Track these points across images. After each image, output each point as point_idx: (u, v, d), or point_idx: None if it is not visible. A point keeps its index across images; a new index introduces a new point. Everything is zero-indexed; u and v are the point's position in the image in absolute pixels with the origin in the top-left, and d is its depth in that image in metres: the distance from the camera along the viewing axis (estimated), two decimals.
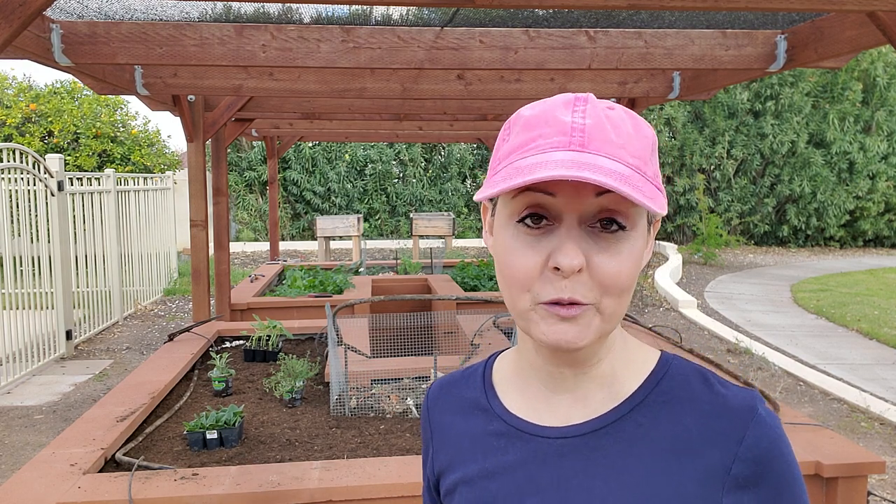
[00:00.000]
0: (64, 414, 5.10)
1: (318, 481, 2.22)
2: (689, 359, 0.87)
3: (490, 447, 0.80)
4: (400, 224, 16.92)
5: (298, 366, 3.24)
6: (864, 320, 8.19)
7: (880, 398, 5.45)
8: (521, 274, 0.70)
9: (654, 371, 0.77)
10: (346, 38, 3.47)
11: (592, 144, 0.67)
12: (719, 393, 0.74)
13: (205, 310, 5.14)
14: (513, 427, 0.79)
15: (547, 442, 0.76)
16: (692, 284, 10.95)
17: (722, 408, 0.72)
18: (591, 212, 0.68)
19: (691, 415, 0.73)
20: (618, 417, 0.75)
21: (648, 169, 0.69)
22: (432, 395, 0.91)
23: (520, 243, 0.70)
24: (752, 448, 0.70)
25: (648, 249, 0.76)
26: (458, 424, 0.85)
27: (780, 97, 15.55)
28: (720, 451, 0.70)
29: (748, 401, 0.72)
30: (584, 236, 0.69)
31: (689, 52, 3.59)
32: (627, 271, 0.69)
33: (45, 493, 2.14)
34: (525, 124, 0.71)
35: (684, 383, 0.76)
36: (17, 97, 11.81)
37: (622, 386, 0.77)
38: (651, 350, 0.80)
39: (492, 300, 3.47)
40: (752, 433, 0.70)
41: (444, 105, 5.90)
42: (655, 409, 0.74)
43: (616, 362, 0.78)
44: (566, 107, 0.69)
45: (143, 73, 4.34)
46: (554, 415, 0.78)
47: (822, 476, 2.36)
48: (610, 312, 0.70)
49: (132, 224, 8.87)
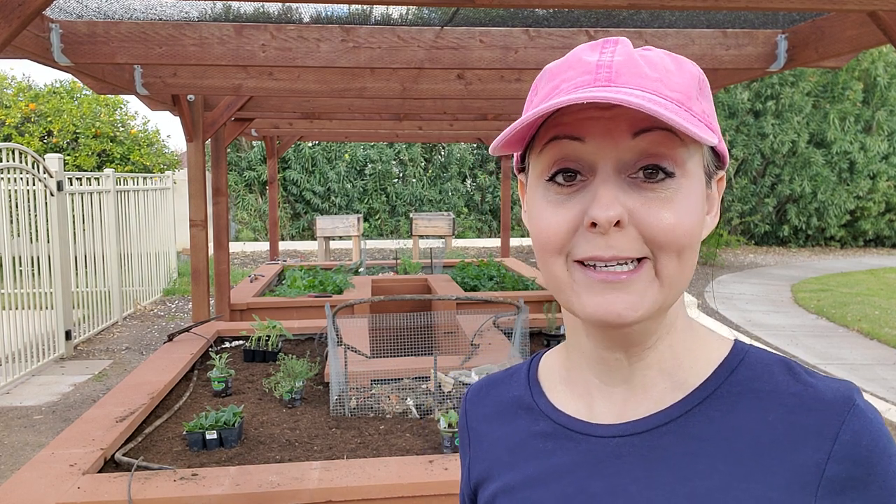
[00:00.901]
0: (63, 414, 5.10)
1: (318, 482, 2.21)
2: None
3: (535, 451, 0.69)
4: (400, 224, 16.91)
5: (298, 366, 3.24)
6: (865, 320, 8.19)
7: (881, 398, 5.44)
8: (550, 234, 0.60)
9: (727, 359, 0.66)
10: (346, 38, 3.46)
11: (621, 79, 0.58)
12: (808, 383, 0.62)
13: (204, 310, 5.14)
14: (560, 426, 0.69)
15: (600, 442, 0.66)
16: (692, 284, 10.95)
17: (812, 400, 0.61)
18: (630, 159, 0.59)
19: (774, 409, 0.61)
20: (684, 411, 0.63)
21: (695, 105, 0.60)
22: (471, 398, 0.80)
23: (549, 202, 0.61)
24: (851, 445, 0.58)
25: (714, 214, 0.65)
26: (498, 428, 0.75)
27: (781, 97, 15.55)
28: (812, 451, 0.59)
29: (844, 391, 0.61)
30: (625, 188, 0.59)
31: (689, 52, 3.59)
32: (686, 222, 0.58)
33: (44, 493, 2.14)
34: (550, 75, 0.63)
35: (765, 373, 0.64)
36: (17, 97, 11.80)
37: (689, 375, 0.65)
38: (723, 337, 0.69)
39: (492, 300, 3.46)
40: (850, 428, 0.59)
41: (444, 105, 5.90)
42: (730, 403, 0.63)
43: (678, 346, 0.66)
44: (593, 48, 0.61)
45: (143, 72, 4.33)
46: (609, 411, 0.67)
47: None
48: (669, 275, 0.59)
49: (132, 224, 8.86)
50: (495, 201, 17.31)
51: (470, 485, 0.77)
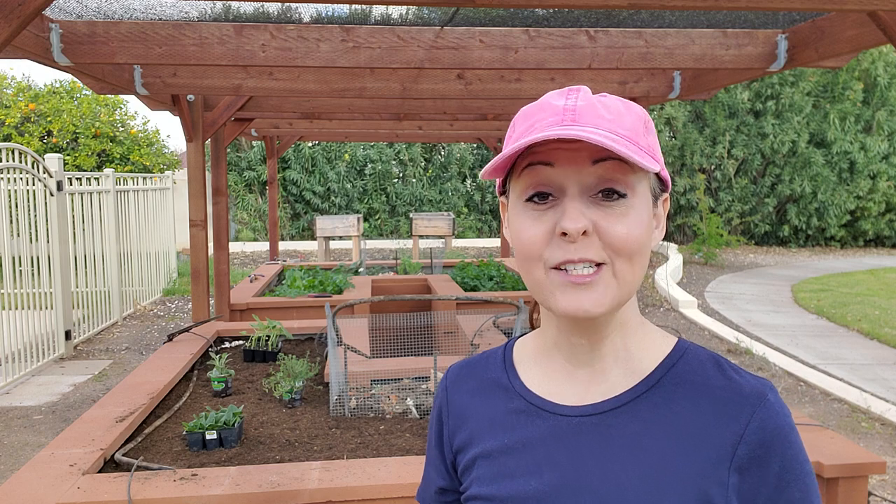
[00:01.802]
0: (63, 414, 5.10)
1: (318, 482, 2.21)
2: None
3: (510, 424, 0.83)
4: (400, 224, 16.91)
5: (298, 366, 3.23)
6: (865, 320, 8.19)
7: (881, 398, 5.44)
8: (530, 242, 0.74)
9: (670, 354, 0.80)
10: (346, 38, 3.46)
11: (583, 120, 0.72)
12: (733, 378, 0.77)
13: (204, 310, 5.13)
14: (532, 405, 0.82)
15: (565, 420, 0.79)
16: (692, 284, 10.94)
17: (734, 393, 0.75)
18: (591, 182, 0.73)
19: (706, 398, 0.76)
20: (634, 397, 0.78)
21: (641, 140, 0.74)
22: (451, 376, 0.94)
23: (527, 218, 0.75)
24: (758, 431, 0.73)
25: (660, 229, 0.80)
26: (478, 403, 0.88)
27: (781, 97, 15.54)
28: (729, 434, 0.73)
29: (759, 387, 0.75)
30: (588, 205, 0.73)
31: (689, 52, 3.58)
32: (636, 233, 0.73)
33: (44, 493, 2.13)
34: (524, 116, 0.77)
35: (699, 368, 0.78)
36: (17, 97, 11.80)
37: (638, 365, 0.80)
38: (668, 335, 0.83)
39: (492, 300, 3.46)
40: (758, 417, 0.73)
41: (444, 105, 5.90)
42: (671, 391, 0.77)
43: (630, 340, 0.81)
44: (560, 95, 0.76)
45: (143, 72, 4.33)
46: (573, 392, 0.81)
47: (823, 476, 2.35)
48: (624, 276, 0.73)
49: (131, 224, 8.86)
50: (495, 201, 17.31)
51: (452, 450, 0.90)
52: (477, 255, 13.34)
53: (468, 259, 9.05)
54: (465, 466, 0.86)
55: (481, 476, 0.83)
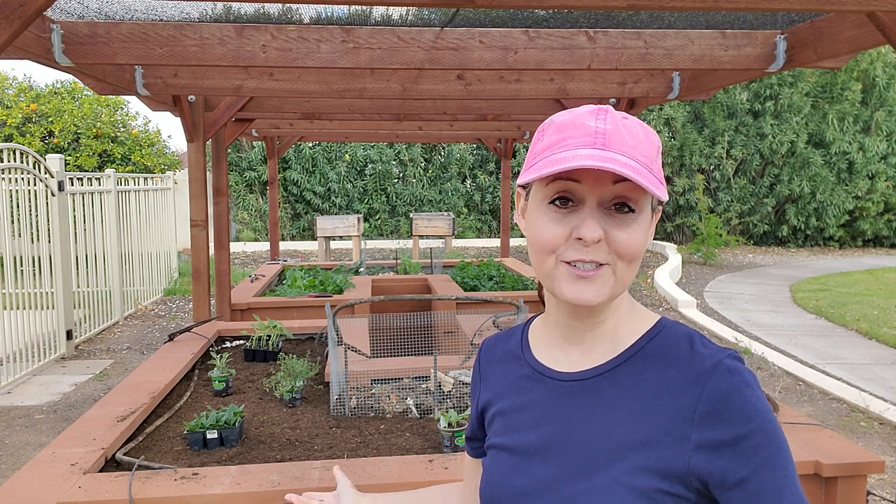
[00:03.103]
0: (64, 414, 5.11)
1: (318, 481, 2.22)
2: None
3: (520, 387, 1.01)
4: (400, 224, 16.92)
5: (298, 366, 3.24)
6: (864, 320, 8.20)
7: (879, 398, 5.45)
8: (549, 241, 0.88)
9: (648, 331, 0.95)
10: (346, 39, 3.47)
11: (611, 145, 0.85)
12: (698, 351, 0.89)
13: (205, 310, 5.14)
14: (536, 371, 1.00)
15: (559, 384, 0.96)
16: (692, 284, 10.95)
17: (697, 363, 0.88)
18: (608, 197, 0.87)
19: (674, 367, 0.89)
20: (614, 366, 0.93)
21: (654, 166, 0.88)
22: (485, 347, 1.13)
23: (549, 219, 0.89)
24: (714, 390, 0.85)
25: (650, 234, 0.94)
26: (499, 370, 1.07)
27: (780, 97, 15.55)
28: (690, 396, 0.86)
29: (718, 355, 0.88)
30: (602, 215, 0.87)
31: (688, 53, 3.59)
32: (638, 242, 0.88)
33: (45, 492, 2.14)
34: (557, 128, 0.89)
35: (673, 343, 0.92)
36: (18, 97, 11.81)
37: (622, 341, 0.95)
38: (653, 315, 0.98)
39: (492, 300, 3.47)
40: (715, 378, 0.85)
41: (443, 105, 5.91)
42: (646, 361, 0.91)
43: (619, 322, 0.96)
44: (591, 115, 0.88)
45: (144, 73, 4.34)
46: (567, 362, 0.97)
47: (822, 476, 2.36)
48: (622, 275, 0.88)
49: (132, 224, 8.87)
50: (495, 201, 17.31)
51: (479, 407, 1.09)
52: (477, 255, 13.35)
53: (468, 259, 9.06)
54: (489, 420, 1.05)
55: (498, 429, 1.01)
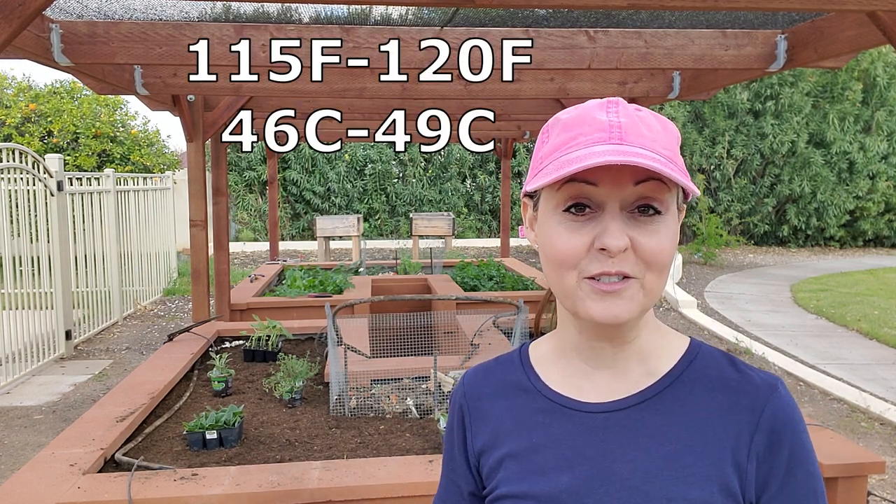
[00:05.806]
0: (63, 414, 5.10)
1: (318, 481, 2.22)
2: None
3: (535, 423, 0.86)
4: (400, 224, 16.91)
5: (298, 366, 3.24)
6: (865, 320, 8.19)
7: (880, 398, 5.45)
8: (567, 254, 0.76)
9: (686, 352, 0.85)
10: (346, 38, 3.46)
11: (629, 138, 0.74)
12: (745, 372, 0.82)
13: (204, 310, 5.14)
14: (556, 403, 0.85)
15: (590, 416, 0.83)
16: (692, 284, 10.95)
17: (747, 385, 0.81)
18: (630, 199, 0.75)
19: (721, 391, 0.81)
20: (656, 393, 0.82)
21: (678, 160, 0.78)
22: (468, 382, 0.95)
23: (565, 228, 0.77)
24: (770, 419, 0.78)
25: (678, 237, 0.84)
26: (499, 406, 0.90)
27: (780, 97, 15.54)
28: (745, 423, 0.79)
29: (770, 380, 0.81)
30: (627, 221, 0.76)
31: (689, 52, 3.59)
32: (668, 249, 0.77)
33: (44, 493, 2.14)
34: (564, 126, 0.78)
35: (714, 364, 0.84)
36: (17, 97, 11.80)
37: (658, 363, 0.84)
38: (681, 335, 0.88)
39: (492, 300, 3.47)
40: (772, 406, 0.79)
41: (443, 105, 5.90)
42: (690, 385, 0.82)
43: (650, 341, 0.85)
44: (600, 108, 0.77)
45: (143, 72, 4.33)
46: (596, 390, 0.84)
47: (823, 476, 2.36)
48: (651, 287, 0.77)
49: (132, 224, 8.86)
50: (495, 201, 17.30)
51: (475, 453, 0.91)
52: (477, 255, 13.35)
53: (468, 259, 9.05)
54: (490, 468, 0.88)
55: (510, 475, 0.85)
